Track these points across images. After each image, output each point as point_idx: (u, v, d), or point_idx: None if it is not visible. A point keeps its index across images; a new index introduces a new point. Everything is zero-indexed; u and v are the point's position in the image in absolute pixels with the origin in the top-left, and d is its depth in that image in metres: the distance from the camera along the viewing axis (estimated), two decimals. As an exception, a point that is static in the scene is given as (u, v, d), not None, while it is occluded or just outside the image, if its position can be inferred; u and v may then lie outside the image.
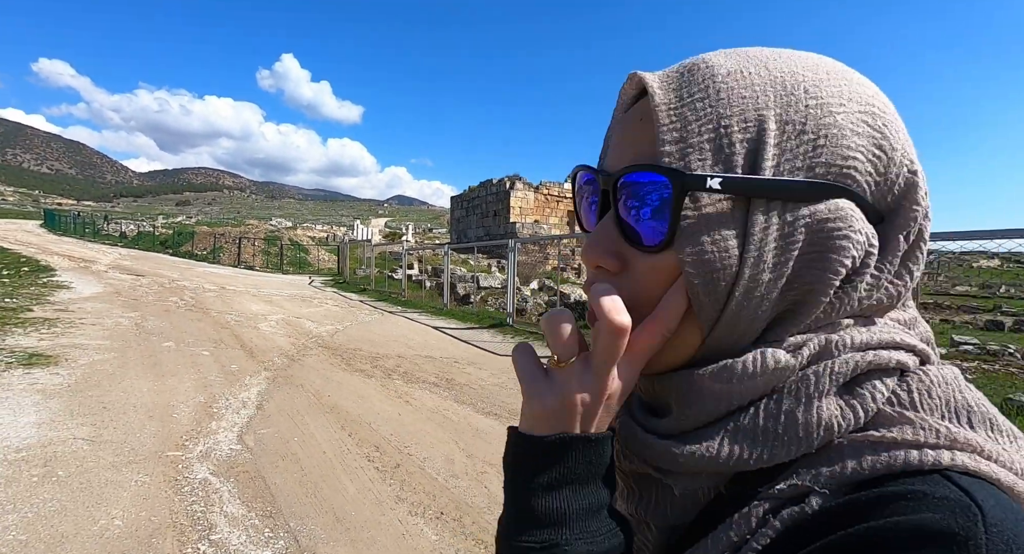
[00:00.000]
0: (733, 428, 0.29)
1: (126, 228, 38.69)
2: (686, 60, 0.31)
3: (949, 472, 0.24)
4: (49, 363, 4.92)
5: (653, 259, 0.30)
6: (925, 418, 0.26)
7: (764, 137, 0.27)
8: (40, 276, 12.56)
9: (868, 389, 0.28)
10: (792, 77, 0.28)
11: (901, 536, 0.22)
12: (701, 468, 0.29)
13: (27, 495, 2.48)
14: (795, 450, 0.27)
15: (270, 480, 2.81)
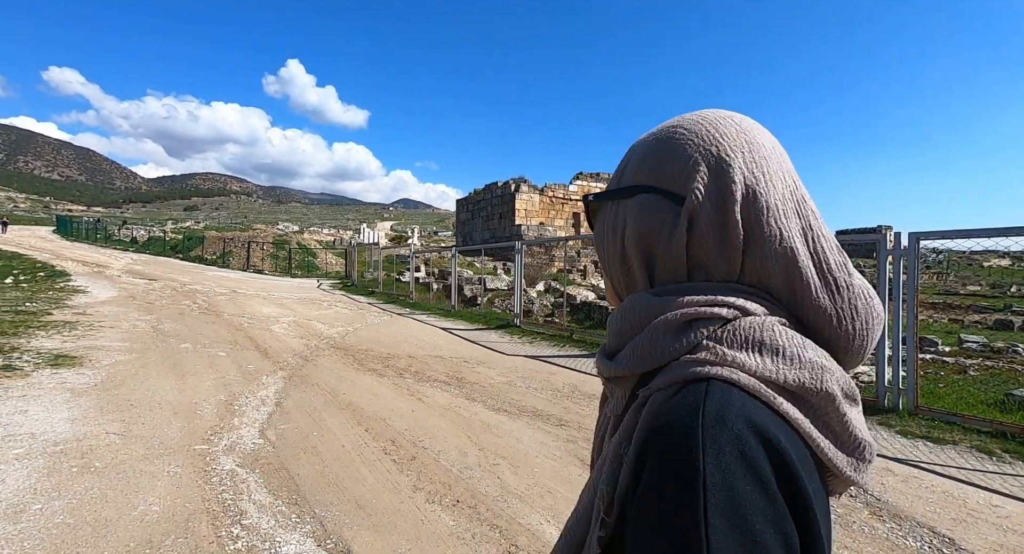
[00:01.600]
0: (628, 350, 0.45)
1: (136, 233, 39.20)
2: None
3: (712, 378, 0.38)
4: (74, 364, 5.12)
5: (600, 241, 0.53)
6: (719, 347, 0.40)
7: (627, 166, 0.50)
8: (56, 281, 12.85)
9: (693, 330, 0.42)
10: (667, 128, 0.48)
11: (678, 407, 0.37)
12: (618, 375, 0.46)
13: (70, 484, 2.64)
14: (651, 364, 0.43)
15: (293, 471, 2.96)
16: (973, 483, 2.92)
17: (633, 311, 0.45)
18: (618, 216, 0.49)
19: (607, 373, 0.47)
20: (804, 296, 0.42)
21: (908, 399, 4.00)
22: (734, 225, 0.43)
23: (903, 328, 4.08)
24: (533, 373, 5.68)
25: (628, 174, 0.49)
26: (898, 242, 4.10)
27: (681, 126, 0.47)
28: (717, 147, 0.44)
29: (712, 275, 0.44)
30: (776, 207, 0.43)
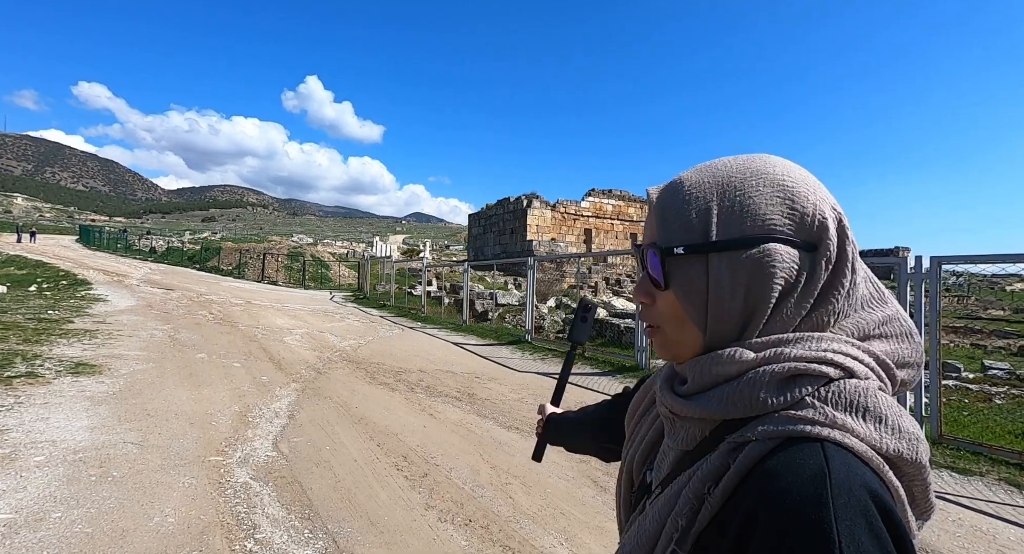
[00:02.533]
0: (716, 395, 0.46)
1: (155, 243, 40.07)
2: (657, 187, 0.53)
3: (825, 441, 0.39)
4: (94, 372, 5.21)
5: (664, 293, 0.50)
6: (825, 408, 0.41)
7: (710, 217, 0.46)
8: (78, 289, 13.14)
9: (798, 385, 0.43)
10: (728, 179, 0.47)
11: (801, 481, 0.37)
12: (696, 416, 0.47)
13: (88, 493, 2.67)
14: (744, 413, 0.44)
15: (306, 485, 2.96)
16: (1003, 518, 2.82)
17: (732, 361, 0.45)
18: (735, 265, 0.45)
19: (684, 412, 0.48)
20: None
21: (931, 427, 3.90)
22: (852, 275, 0.46)
23: (926, 353, 3.99)
24: (544, 390, 5.64)
25: (725, 223, 0.46)
26: (919, 266, 4.04)
27: (786, 172, 0.47)
28: (829, 198, 0.47)
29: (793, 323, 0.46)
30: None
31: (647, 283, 0.51)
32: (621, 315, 11.76)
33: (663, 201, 0.50)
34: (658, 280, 0.49)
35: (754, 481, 0.40)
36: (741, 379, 0.44)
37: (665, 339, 0.51)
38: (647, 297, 0.51)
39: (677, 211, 0.48)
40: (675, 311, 0.49)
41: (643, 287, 0.52)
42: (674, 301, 0.48)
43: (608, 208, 30.38)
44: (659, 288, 0.50)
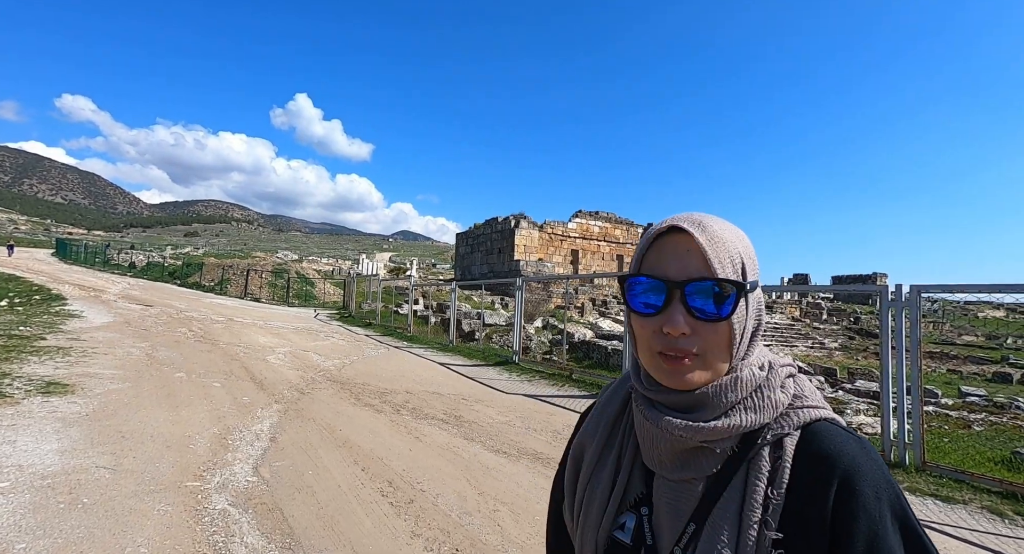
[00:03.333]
0: (743, 408, 0.55)
1: (135, 258, 39.21)
2: (693, 216, 0.58)
3: (825, 419, 0.55)
4: (66, 392, 5.01)
5: (715, 324, 0.55)
6: (810, 396, 0.57)
7: (744, 261, 0.57)
8: (52, 305, 12.74)
9: (792, 384, 0.58)
10: (743, 240, 0.59)
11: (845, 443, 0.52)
12: (731, 431, 0.54)
13: (56, 521, 2.54)
14: (770, 415, 0.55)
15: (287, 512, 2.86)
16: (987, 547, 2.84)
17: (753, 379, 0.56)
18: (751, 301, 0.57)
19: (721, 434, 0.54)
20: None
21: (915, 454, 3.94)
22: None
23: (907, 379, 4.07)
24: (532, 413, 5.59)
25: (750, 269, 0.57)
26: (899, 293, 4.15)
27: (742, 236, 0.60)
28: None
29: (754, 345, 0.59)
30: None
31: (686, 314, 0.54)
32: (607, 337, 11.78)
33: (712, 243, 0.55)
34: (723, 312, 0.54)
35: (818, 464, 0.51)
36: (762, 389, 0.56)
37: (703, 365, 0.55)
38: (688, 328, 0.54)
39: (729, 255, 0.56)
40: (724, 340, 0.55)
41: (682, 318, 0.54)
42: (727, 331, 0.55)
43: (595, 229, 30.73)
44: (712, 321, 0.54)
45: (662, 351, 0.54)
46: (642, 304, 0.56)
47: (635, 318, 0.57)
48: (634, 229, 32.63)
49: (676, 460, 0.56)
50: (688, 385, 0.55)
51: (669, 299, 0.55)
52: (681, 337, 0.54)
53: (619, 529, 0.58)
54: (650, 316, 0.55)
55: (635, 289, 0.57)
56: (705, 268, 0.54)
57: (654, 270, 0.56)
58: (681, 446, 0.55)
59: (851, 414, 5.54)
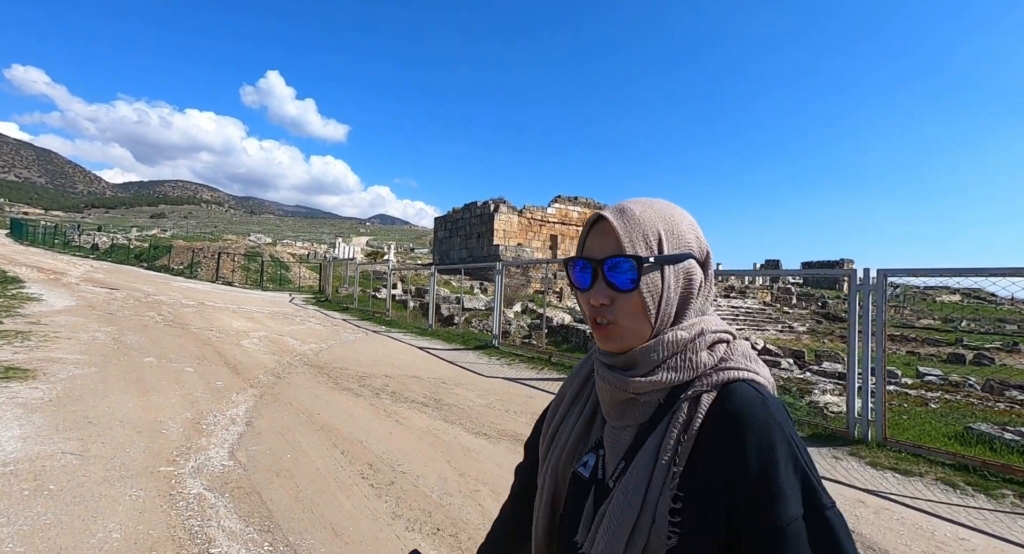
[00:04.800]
0: (667, 367, 0.63)
1: (98, 240, 37.57)
2: (621, 204, 0.66)
3: (750, 381, 0.61)
4: (27, 377, 4.81)
5: (626, 294, 0.63)
6: (739, 360, 0.63)
7: (663, 238, 0.63)
8: (8, 287, 12.13)
9: (720, 348, 0.64)
10: (666, 215, 0.65)
11: (752, 403, 0.57)
12: (657, 387, 0.63)
13: (21, 508, 2.46)
14: (693, 374, 0.62)
15: (265, 495, 2.83)
16: (940, 516, 3.01)
17: (676, 341, 0.63)
18: (670, 272, 0.63)
19: (647, 388, 0.63)
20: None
21: (877, 431, 4.14)
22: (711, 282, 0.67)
23: (872, 360, 4.24)
24: (512, 396, 5.64)
25: (670, 242, 0.64)
26: (867, 277, 4.29)
27: (691, 217, 0.68)
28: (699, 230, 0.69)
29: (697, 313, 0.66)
30: None
31: (605, 288, 0.63)
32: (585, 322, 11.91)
33: (626, 226, 0.63)
34: (628, 284, 0.62)
35: (723, 416, 0.58)
36: (685, 352, 0.63)
37: (622, 332, 0.63)
38: (607, 299, 0.63)
39: (642, 233, 0.63)
40: (637, 308, 0.62)
41: (602, 291, 0.63)
42: (639, 300, 0.62)
43: (574, 215, 30.81)
44: (625, 291, 0.62)
45: (595, 319, 0.65)
46: (579, 281, 0.66)
47: (577, 294, 0.68)
48: (613, 215, 32.76)
49: (616, 410, 0.66)
50: (615, 347, 0.65)
51: (594, 276, 0.64)
52: (602, 307, 0.63)
53: (582, 466, 0.68)
54: (584, 291, 0.66)
55: (574, 269, 0.67)
56: (619, 247, 0.62)
57: (587, 252, 0.66)
58: (619, 398, 0.65)
59: (818, 394, 5.76)
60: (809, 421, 4.76)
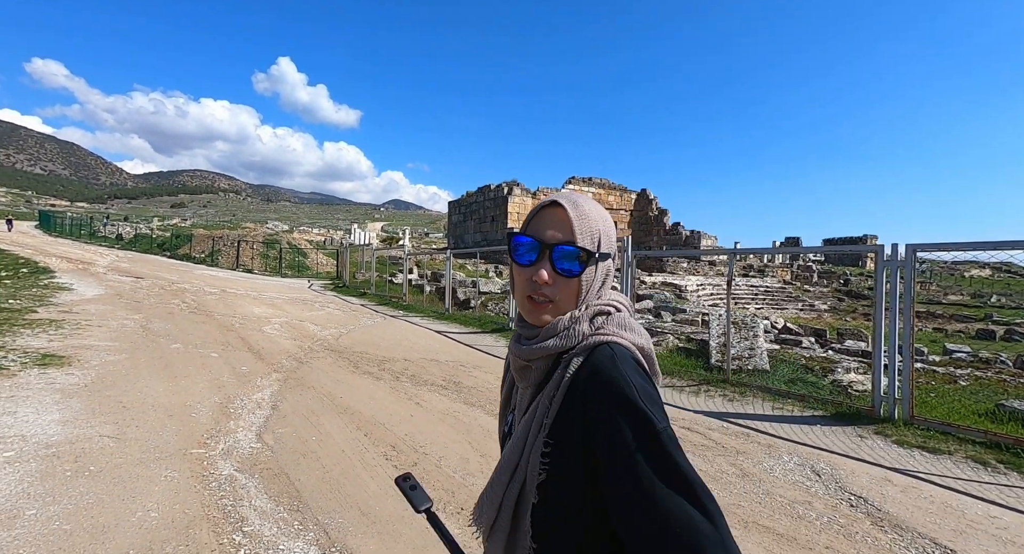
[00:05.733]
0: (556, 337, 0.72)
1: (122, 230, 38.50)
2: (568, 195, 0.75)
3: (612, 343, 0.69)
4: (63, 364, 5.00)
5: (569, 280, 0.72)
6: (612, 328, 0.71)
7: (601, 237, 0.73)
8: (40, 278, 12.55)
9: (599, 319, 0.73)
10: (603, 217, 0.76)
11: (603, 360, 0.67)
12: (544, 354, 0.72)
13: (64, 488, 2.57)
14: (573, 342, 0.70)
15: (293, 476, 2.91)
16: (971, 494, 2.96)
17: (574, 317, 0.72)
18: (600, 266, 0.75)
19: (536, 354, 0.73)
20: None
21: (904, 409, 4.06)
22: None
23: (899, 338, 4.14)
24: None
25: (605, 243, 0.75)
26: (895, 253, 4.16)
27: (610, 219, 0.78)
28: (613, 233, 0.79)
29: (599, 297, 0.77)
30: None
31: (549, 270, 0.72)
32: (603, 302, 11.85)
33: (579, 219, 0.72)
34: (575, 271, 0.72)
35: (581, 372, 0.68)
36: (571, 325, 0.72)
37: (556, 310, 0.73)
38: (551, 280, 0.72)
39: (589, 230, 0.73)
40: (573, 292, 0.73)
41: (548, 273, 0.72)
42: (576, 286, 0.73)
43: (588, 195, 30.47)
44: (569, 277, 0.72)
45: (530, 295, 0.73)
46: (522, 257, 0.74)
47: (516, 268, 0.75)
48: (628, 195, 32.32)
49: (519, 374, 0.77)
50: (539, 322, 0.73)
51: (541, 256, 0.72)
52: (545, 286, 0.72)
53: (507, 425, 0.83)
54: (526, 267, 0.73)
55: (519, 245, 0.74)
56: (570, 237, 0.71)
57: (535, 233, 0.73)
58: (518, 364, 0.76)
59: (842, 372, 5.67)
60: (833, 400, 4.70)
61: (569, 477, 0.65)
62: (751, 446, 3.75)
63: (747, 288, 21.36)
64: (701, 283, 21.02)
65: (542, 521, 0.67)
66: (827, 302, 22.06)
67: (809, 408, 4.68)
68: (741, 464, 3.40)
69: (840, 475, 3.23)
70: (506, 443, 0.79)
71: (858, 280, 26.04)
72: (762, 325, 7.42)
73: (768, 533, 2.51)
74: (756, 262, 28.16)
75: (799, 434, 4.01)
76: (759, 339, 6.43)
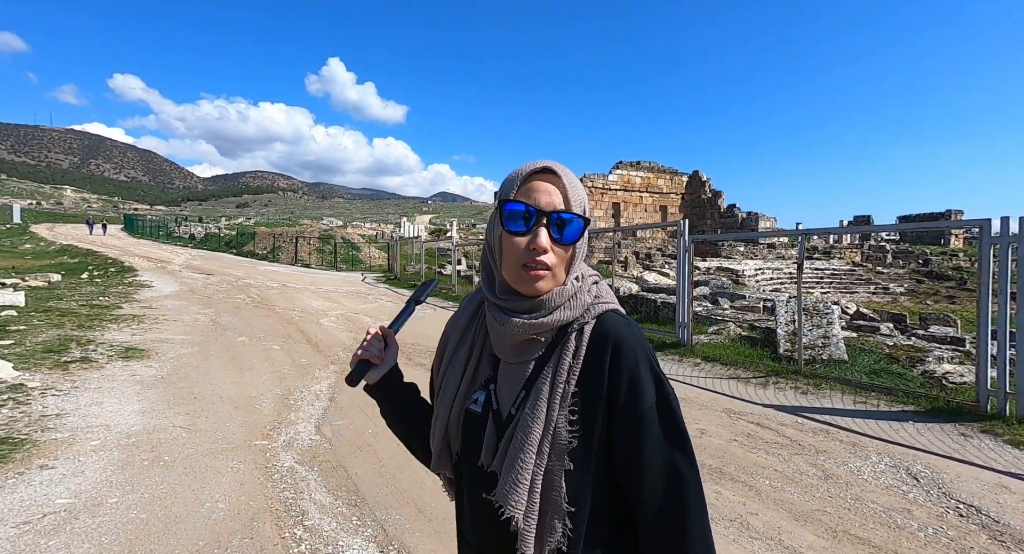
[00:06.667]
0: (563, 308, 0.72)
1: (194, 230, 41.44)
2: (552, 163, 0.74)
3: (615, 310, 0.76)
4: (143, 356, 5.35)
5: (565, 248, 0.73)
6: (606, 296, 0.76)
7: (585, 204, 0.74)
8: (125, 276, 13.67)
9: (595, 288, 0.77)
10: (580, 183, 0.76)
11: (621, 328, 0.73)
12: (553, 324, 0.72)
13: (142, 477, 2.71)
14: (579, 312, 0.73)
15: (351, 470, 2.92)
16: (1112, 506, 2.53)
17: (574, 288, 0.74)
18: (587, 235, 0.76)
19: (547, 326, 0.72)
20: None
21: (1017, 405, 3.56)
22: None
23: (1011, 324, 3.62)
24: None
25: (588, 211, 0.75)
26: (1005, 228, 3.63)
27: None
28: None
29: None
30: None
31: (546, 238, 0.70)
32: (654, 290, 11.42)
33: (571, 187, 0.73)
34: (573, 238, 0.72)
35: (601, 338, 0.72)
36: (576, 295, 0.73)
37: (553, 277, 0.72)
38: (547, 247, 0.70)
39: (579, 197, 0.74)
40: (567, 260, 0.74)
41: (545, 241, 0.70)
42: (571, 253, 0.74)
43: (636, 180, 29.50)
44: (566, 244, 0.72)
45: (526, 264, 0.71)
46: (515, 225, 0.71)
47: (506, 237, 0.72)
48: (679, 177, 31.00)
49: (516, 349, 0.75)
50: (539, 292, 0.72)
51: (537, 223, 0.70)
52: (543, 254, 0.70)
53: (473, 403, 0.77)
54: (520, 235, 0.71)
55: (512, 213, 0.71)
56: (566, 204, 0.72)
57: (529, 200, 0.71)
58: (519, 338, 0.74)
59: (933, 362, 5.10)
60: (926, 393, 4.22)
61: (590, 439, 0.69)
62: (832, 444, 3.42)
63: (811, 271, 20.01)
64: (759, 267, 19.90)
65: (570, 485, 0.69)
66: (903, 284, 20.28)
67: (897, 402, 4.23)
68: (823, 464, 3.09)
69: (943, 479, 2.87)
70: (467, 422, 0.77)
71: (939, 259, 23.73)
72: (837, 311, 6.85)
73: (863, 545, 2.24)
74: (821, 244, 26.30)
75: (888, 431, 3.62)
76: (834, 326, 5.92)
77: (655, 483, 0.68)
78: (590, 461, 0.69)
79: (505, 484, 0.69)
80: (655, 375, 0.70)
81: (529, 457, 0.68)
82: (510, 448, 0.69)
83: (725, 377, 5.25)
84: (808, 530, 2.37)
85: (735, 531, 2.35)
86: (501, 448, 0.71)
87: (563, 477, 0.68)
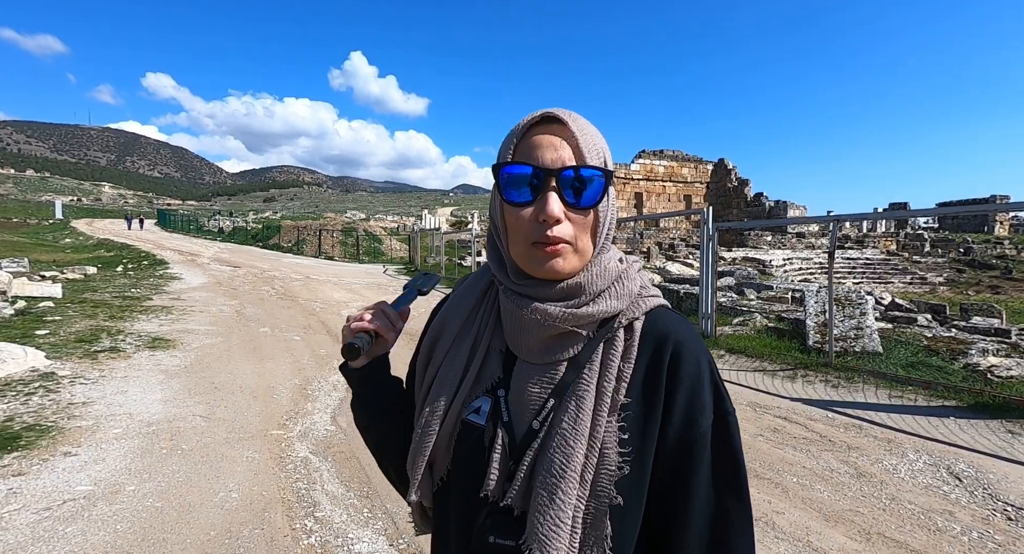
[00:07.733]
0: (608, 295, 0.59)
1: (223, 224, 42.58)
2: (563, 110, 0.57)
3: (665, 306, 0.63)
4: (169, 346, 5.48)
5: (582, 213, 0.56)
6: (649, 286, 0.64)
7: (606, 155, 0.58)
8: (157, 269, 14.11)
9: (639, 276, 0.63)
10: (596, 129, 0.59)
11: (681, 330, 0.59)
12: (599, 316, 0.58)
13: (160, 465, 2.74)
14: (627, 302, 0.60)
15: (364, 461, 2.90)
16: None
17: (616, 269, 0.61)
18: (611, 194, 0.60)
19: (587, 320, 0.57)
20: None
21: (1071, 401, 3.31)
22: None
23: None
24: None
25: (608, 163, 0.58)
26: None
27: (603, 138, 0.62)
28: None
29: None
30: None
31: (559, 203, 0.54)
32: (678, 280, 11.17)
33: (584, 134, 0.56)
34: (593, 200, 0.56)
35: (655, 340, 0.59)
36: (621, 279, 0.60)
37: (575, 253, 0.57)
38: (562, 215, 0.54)
39: (595, 146, 0.57)
40: (593, 228, 0.57)
41: (558, 205, 0.54)
42: (594, 220, 0.57)
43: (660, 169, 28.91)
44: (585, 207, 0.55)
45: (537, 241, 0.55)
46: (516, 193, 0.56)
47: (509, 209, 0.57)
48: (703, 166, 30.21)
49: (544, 345, 0.59)
50: (558, 274, 0.56)
51: (544, 187, 0.54)
52: (556, 224, 0.54)
53: (473, 413, 0.60)
54: (525, 205, 0.55)
55: (511, 178, 0.56)
56: (578, 157, 0.55)
57: (530, 159, 0.55)
58: (551, 332, 0.58)
59: (977, 355, 4.81)
60: (969, 388, 3.98)
61: (643, 466, 0.55)
62: (865, 441, 3.24)
63: (842, 261, 19.29)
64: (788, 257, 19.28)
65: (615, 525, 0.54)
66: (942, 274, 19.36)
67: (937, 397, 3.99)
68: (855, 462, 2.93)
69: (989, 479, 2.68)
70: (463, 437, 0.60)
71: (983, 248, 22.56)
72: (871, 301, 6.53)
73: (900, 549, 2.10)
74: (853, 232, 25.31)
75: (926, 428, 3.42)
76: (867, 317, 5.65)
77: (698, 524, 0.55)
78: (642, 496, 0.55)
79: (542, 526, 0.52)
80: (717, 391, 0.58)
81: (572, 488, 0.52)
82: (544, 475, 0.53)
83: (750, 369, 5.06)
84: (839, 531, 2.23)
85: (760, 531, 2.23)
86: (523, 475, 0.54)
87: (607, 515, 0.53)
